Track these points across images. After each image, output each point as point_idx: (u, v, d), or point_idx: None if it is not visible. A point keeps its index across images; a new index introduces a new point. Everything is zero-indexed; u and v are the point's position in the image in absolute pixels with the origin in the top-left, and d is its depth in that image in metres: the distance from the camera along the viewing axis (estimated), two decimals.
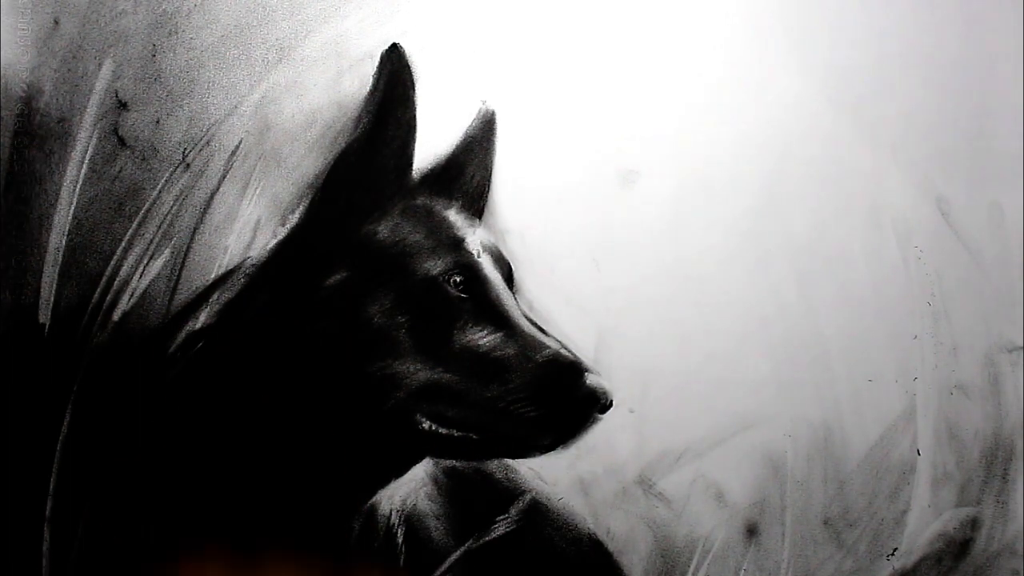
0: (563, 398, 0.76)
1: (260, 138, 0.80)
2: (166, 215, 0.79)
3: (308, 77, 0.80)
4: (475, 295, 0.78)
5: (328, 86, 0.80)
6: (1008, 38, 0.90)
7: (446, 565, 0.83)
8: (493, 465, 0.84)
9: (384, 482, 0.80)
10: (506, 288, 0.80)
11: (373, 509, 0.81)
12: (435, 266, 0.78)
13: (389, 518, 0.82)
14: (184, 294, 0.79)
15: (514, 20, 0.82)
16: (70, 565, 0.76)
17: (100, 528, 0.76)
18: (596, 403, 0.77)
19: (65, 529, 0.76)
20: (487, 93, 0.82)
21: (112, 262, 0.78)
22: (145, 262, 0.78)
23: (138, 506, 0.77)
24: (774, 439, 0.89)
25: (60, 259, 0.77)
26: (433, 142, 0.82)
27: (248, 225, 0.80)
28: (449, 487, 0.84)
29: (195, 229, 0.79)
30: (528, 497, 0.85)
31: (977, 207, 0.91)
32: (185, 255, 0.79)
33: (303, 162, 0.80)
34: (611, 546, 0.86)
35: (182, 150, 0.79)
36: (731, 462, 0.88)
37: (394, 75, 0.79)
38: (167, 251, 0.79)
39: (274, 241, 0.80)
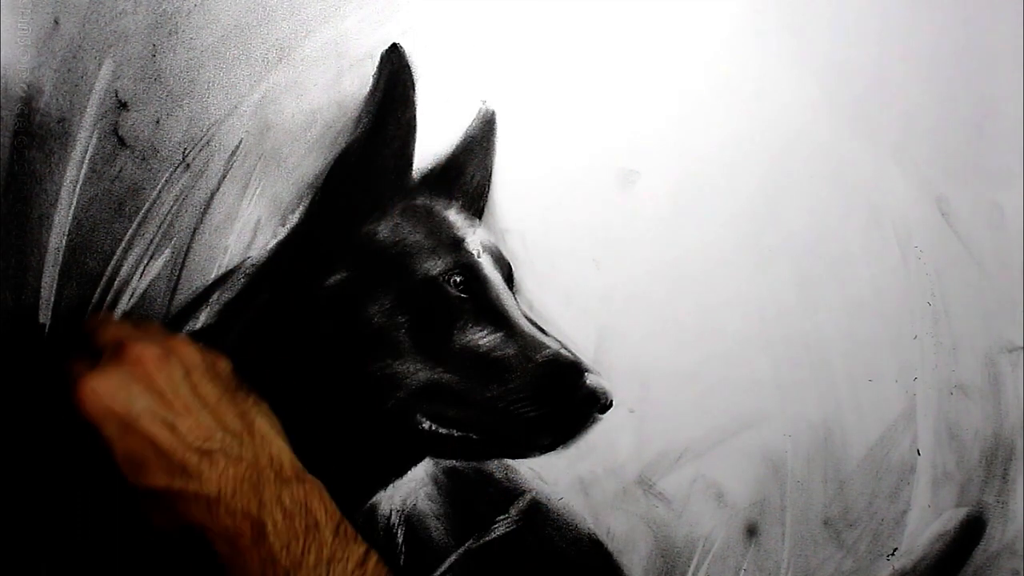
0: (563, 398, 0.76)
1: (260, 138, 0.80)
2: (166, 215, 0.79)
3: (308, 77, 0.80)
4: (475, 295, 0.78)
5: (328, 86, 0.80)
6: (1008, 38, 0.90)
7: (446, 565, 0.83)
8: (493, 465, 0.85)
9: (384, 483, 0.80)
10: (506, 288, 0.80)
11: (373, 509, 0.81)
12: (435, 266, 0.78)
13: (389, 518, 0.82)
14: (184, 294, 0.79)
15: (514, 20, 0.82)
16: (70, 565, 0.76)
17: (100, 528, 0.76)
18: (596, 403, 0.77)
19: (63, 530, 0.76)
20: (487, 93, 0.82)
21: (112, 262, 0.78)
22: (145, 262, 0.78)
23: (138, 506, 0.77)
24: (774, 439, 0.89)
25: (60, 259, 0.77)
26: (433, 142, 0.82)
27: (248, 225, 0.80)
28: (449, 487, 0.84)
29: (195, 229, 0.79)
30: (528, 497, 0.85)
31: (977, 207, 0.91)
32: (185, 255, 0.79)
33: (303, 162, 0.80)
34: (611, 546, 0.86)
35: (182, 150, 0.79)
36: (731, 462, 0.88)
37: (394, 75, 0.79)
38: (167, 251, 0.79)
39: (274, 241, 0.80)
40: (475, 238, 0.81)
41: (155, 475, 0.66)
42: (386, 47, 0.80)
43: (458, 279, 0.78)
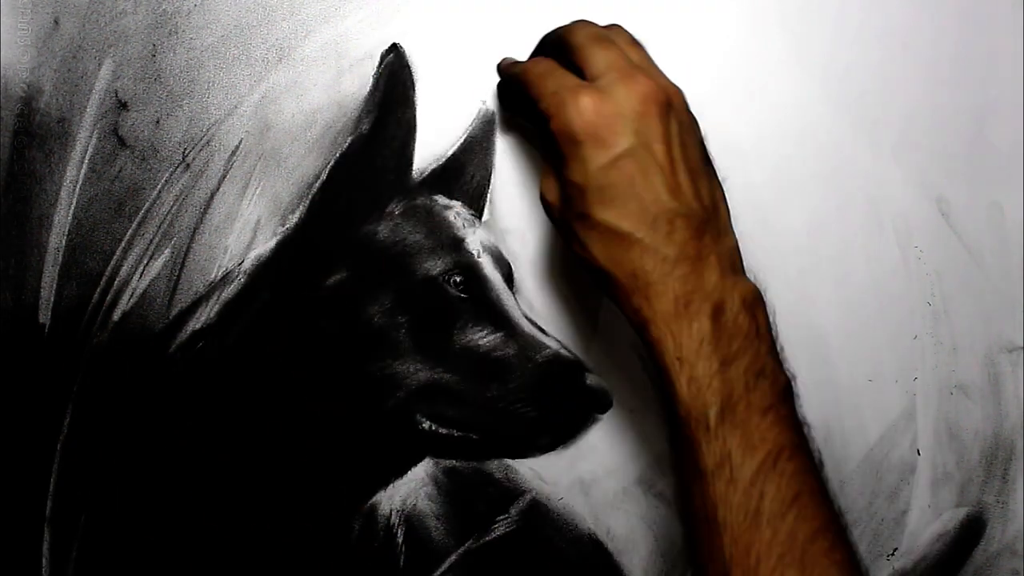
0: (563, 398, 0.76)
1: (260, 138, 0.80)
2: (166, 215, 0.79)
3: (308, 77, 0.80)
4: (475, 295, 0.78)
5: (328, 86, 0.80)
6: (1008, 38, 0.90)
7: (446, 565, 0.83)
8: (493, 465, 0.84)
9: (384, 483, 0.80)
10: (506, 288, 0.80)
11: (373, 509, 0.81)
12: (435, 266, 0.78)
13: (389, 518, 0.82)
14: (184, 294, 0.79)
15: (514, 21, 0.82)
16: (70, 565, 0.76)
17: (100, 528, 0.76)
18: (596, 403, 0.77)
19: (65, 529, 0.76)
20: (487, 93, 0.82)
21: (112, 262, 0.78)
22: (145, 262, 0.78)
23: (138, 506, 0.77)
24: None
25: (60, 259, 0.77)
26: (433, 142, 0.82)
27: (248, 225, 0.80)
28: (449, 487, 0.84)
29: (195, 229, 0.79)
30: (528, 497, 0.85)
31: (977, 207, 0.91)
32: (185, 255, 0.79)
33: (303, 162, 0.80)
34: (611, 546, 0.86)
35: (182, 150, 0.79)
36: None
37: (394, 75, 0.79)
38: (167, 251, 0.79)
39: (274, 241, 0.80)
40: (475, 238, 0.81)
41: (620, 219, 0.64)
42: (386, 47, 0.80)
43: (458, 279, 0.78)
